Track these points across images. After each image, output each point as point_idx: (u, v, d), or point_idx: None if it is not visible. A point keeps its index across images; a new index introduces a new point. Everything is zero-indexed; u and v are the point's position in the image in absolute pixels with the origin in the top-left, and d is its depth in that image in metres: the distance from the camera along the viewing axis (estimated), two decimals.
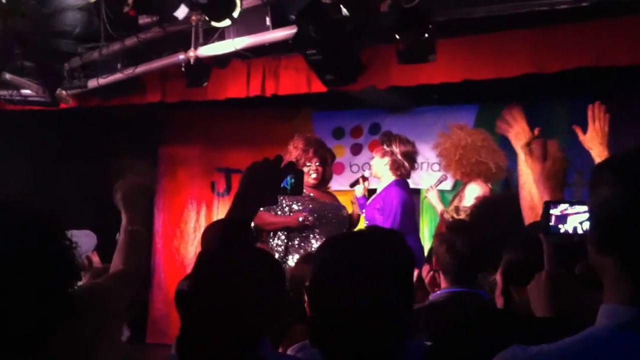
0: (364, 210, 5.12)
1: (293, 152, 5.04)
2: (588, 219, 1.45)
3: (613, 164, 1.34)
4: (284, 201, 4.97)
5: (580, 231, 1.94)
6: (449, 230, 3.30)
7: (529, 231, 2.54)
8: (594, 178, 1.35)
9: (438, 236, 3.18)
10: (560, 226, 1.96)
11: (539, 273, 2.22)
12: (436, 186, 5.44)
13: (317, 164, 5.01)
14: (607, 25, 4.20)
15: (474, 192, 4.97)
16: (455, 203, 5.12)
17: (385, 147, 4.98)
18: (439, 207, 5.24)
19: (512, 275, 2.44)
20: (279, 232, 4.94)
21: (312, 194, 5.03)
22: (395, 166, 4.92)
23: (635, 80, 5.03)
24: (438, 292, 2.99)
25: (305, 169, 4.96)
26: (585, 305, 1.40)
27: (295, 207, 4.96)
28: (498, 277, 2.39)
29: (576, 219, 1.96)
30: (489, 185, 5.10)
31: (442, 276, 2.99)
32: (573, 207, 1.96)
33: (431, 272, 3.08)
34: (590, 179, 1.37)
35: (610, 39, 4.19)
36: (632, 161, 1.31)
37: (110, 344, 2.07)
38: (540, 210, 2.61)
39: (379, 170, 5.02)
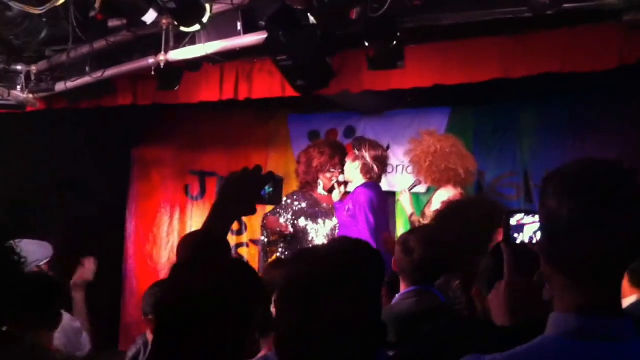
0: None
1: (317, 157, 5.14)
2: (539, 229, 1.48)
3: (560, 176, 1.37)
4: (295, 202, 5.05)
5: (534, 240, 1.97)
6: (407, 232, 3.35)
7: None
8: (543, 189, 1.39)
9: (398, 238, 3.22)
10: (516, 235, 1.99)
11: (499, 282, 2.24)
12: (410, 190, 5.48)
13: (341, 170, 5.17)
14: (570, 33, 4.27)
15: (441, 198, 5.02)
16: (424, 208, 5.16)
17: (356, 151, 5.03)
18: (409, 211, 5.29)
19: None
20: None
21: (315, 196, 5.22)
22: (365, 170, 4.98)
23: (597, 85, 5.12)
24: (399, 295, 3.03)
25: (329, 175, 5.15)
26: (545, 313, 1.42)
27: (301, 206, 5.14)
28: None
29: (532, 228, 1.98)
30: (459, 189, 5.13)
31: (401, 279, 3.03)
32: (529, 216, 1.98)
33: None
34: (540, 190, 1.40)
35: (573, 46, 4.26)
36: (577, 174, 1.35)
37: None
38: None
39: (350, 174, 5.08)
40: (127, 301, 7.29)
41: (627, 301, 3.52)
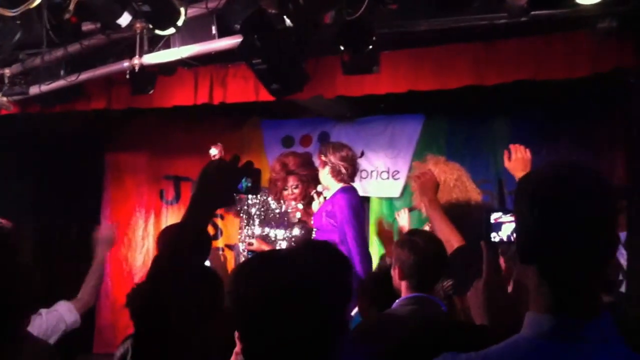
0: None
1: (272, 174, 5.28)
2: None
3: (531, 180, 1.41)
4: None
5: (512, 239, 1.99)
6: (408, 234, 3.31)
7: None
8: (517, 193, 1.43)
9: (398, 243, 3.15)
10: (494, 234, 2.02)
11: (477, 280, 2.27)
12: (410, 210, 5.35)
13: (294, 187, 5.24)
14: (544, 40, 4.31)
15: None
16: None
17: (323, 157, 5.03)
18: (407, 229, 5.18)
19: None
20: None
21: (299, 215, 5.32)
22: (335, 172, 4.97)
23: (570, 95, 5.18)
24: (398, 300, 2.98)
25: (285, 192, 5.25)
26: (523, 312, 1.44)
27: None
28: None
29: (510, 226, 2.01)
30: None
31: (402, 284, 2.99)
32: (507, 215, 2.01)
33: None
34: (515, 192, 1.44)
35: (546, 54, 4.30)
36: (546, 181, 1.37)
37: None
38: None
39: (325, 181, 5.08)
40: (102, 304, 7.20)
41: None
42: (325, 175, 5.04)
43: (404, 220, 5.27)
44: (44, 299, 3.08)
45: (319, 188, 5.24)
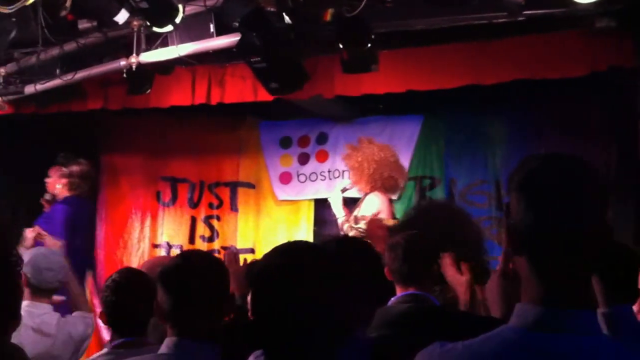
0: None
1: None
2: None
3: (519, 172, 1.39)
4: None
5: None
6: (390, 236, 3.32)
7: None
8: (508, 184, 1.41)
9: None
10: None
11: (494, 271, 2.25)
12: (343, 192, 5.50)
13: None
14: (541, 39, 4.32)
15: (371, 202, 5.16)
16: (355, 212, 5.20)
17: (64, 169, 5.04)
18: (340, 213, 5.31)
19: None
20: None
21: None
22: (73, 187, 5.08)
23: (567, 94, 5.17)
24: (393, 298, 2.98)
25: None
26: None
27: None
28: None
29: None
30: (389, 195, 5.34)
31: (395, 283, 2.99)
32: None
33: None
34: (507, 183, 1.43)
35: (544, 53, 4.31)
36: (534, 171, 1.36)
37: None
38: None
39: (56, 190, 5.17)
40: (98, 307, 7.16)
41: None
42: (60, 186, 5.08)
43: (337, 202, 5.42)
44: None
45: (47, 196, 5.27)
